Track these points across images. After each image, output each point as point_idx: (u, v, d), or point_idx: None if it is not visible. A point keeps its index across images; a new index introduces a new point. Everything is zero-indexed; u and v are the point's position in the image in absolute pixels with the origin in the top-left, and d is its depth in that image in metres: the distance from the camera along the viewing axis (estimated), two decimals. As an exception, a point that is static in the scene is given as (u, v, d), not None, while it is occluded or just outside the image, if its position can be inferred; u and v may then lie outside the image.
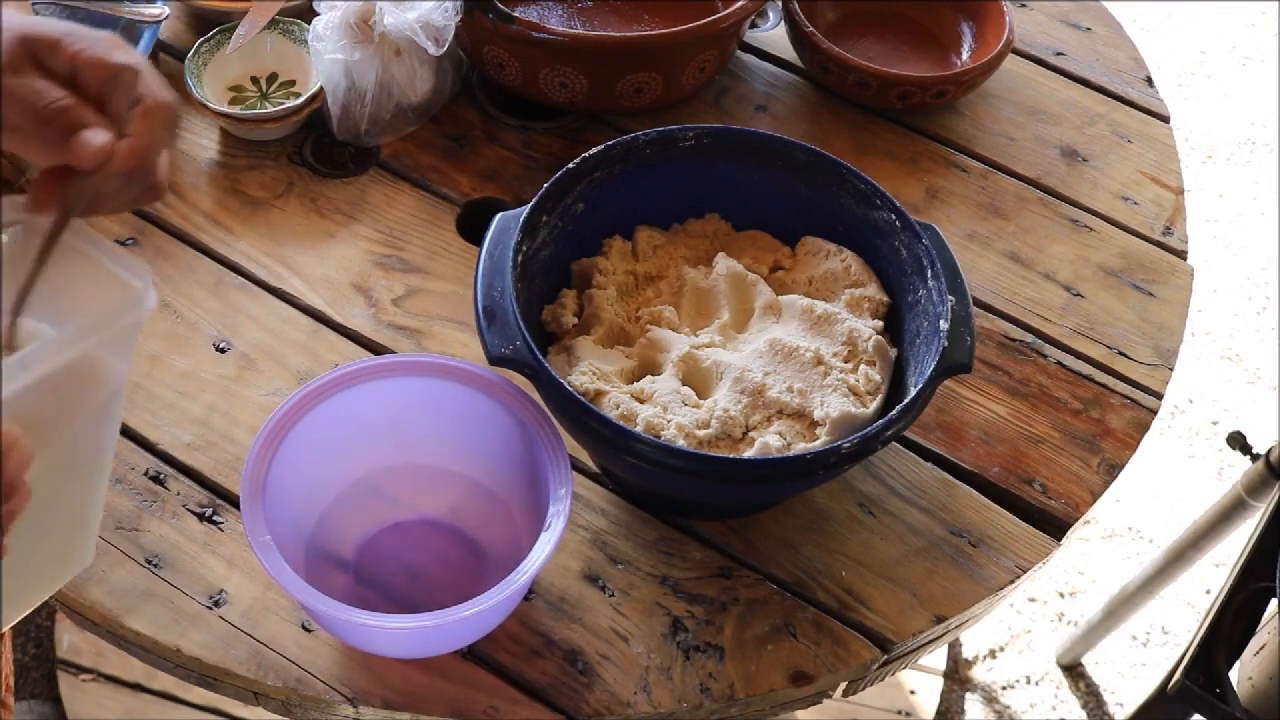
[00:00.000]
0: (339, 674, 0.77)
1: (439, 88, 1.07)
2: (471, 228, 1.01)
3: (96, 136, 0.58)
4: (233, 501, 0.84)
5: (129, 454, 0.86)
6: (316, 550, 0.81)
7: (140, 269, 0.61)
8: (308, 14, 1.05)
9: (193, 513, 0.84)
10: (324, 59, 1.01)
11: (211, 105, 1.03)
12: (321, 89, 1.03)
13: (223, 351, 0.92)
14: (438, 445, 0.82)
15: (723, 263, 0.88)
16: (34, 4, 1.00)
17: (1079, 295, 1.01)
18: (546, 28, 1.00)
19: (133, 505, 0.84)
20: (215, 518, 0.84)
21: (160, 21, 1.04)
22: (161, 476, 0.85)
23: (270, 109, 1.05)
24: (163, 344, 0.92)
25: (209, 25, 1.09)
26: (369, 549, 0.83)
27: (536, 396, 0.78)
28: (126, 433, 0.87)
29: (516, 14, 1.00)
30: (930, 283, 0.81)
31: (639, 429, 0.78)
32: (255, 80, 1.09)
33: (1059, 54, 1.20)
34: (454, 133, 1.08)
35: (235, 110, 1.05)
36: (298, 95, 1.07)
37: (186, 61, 1.05)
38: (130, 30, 1.04)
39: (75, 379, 0.58)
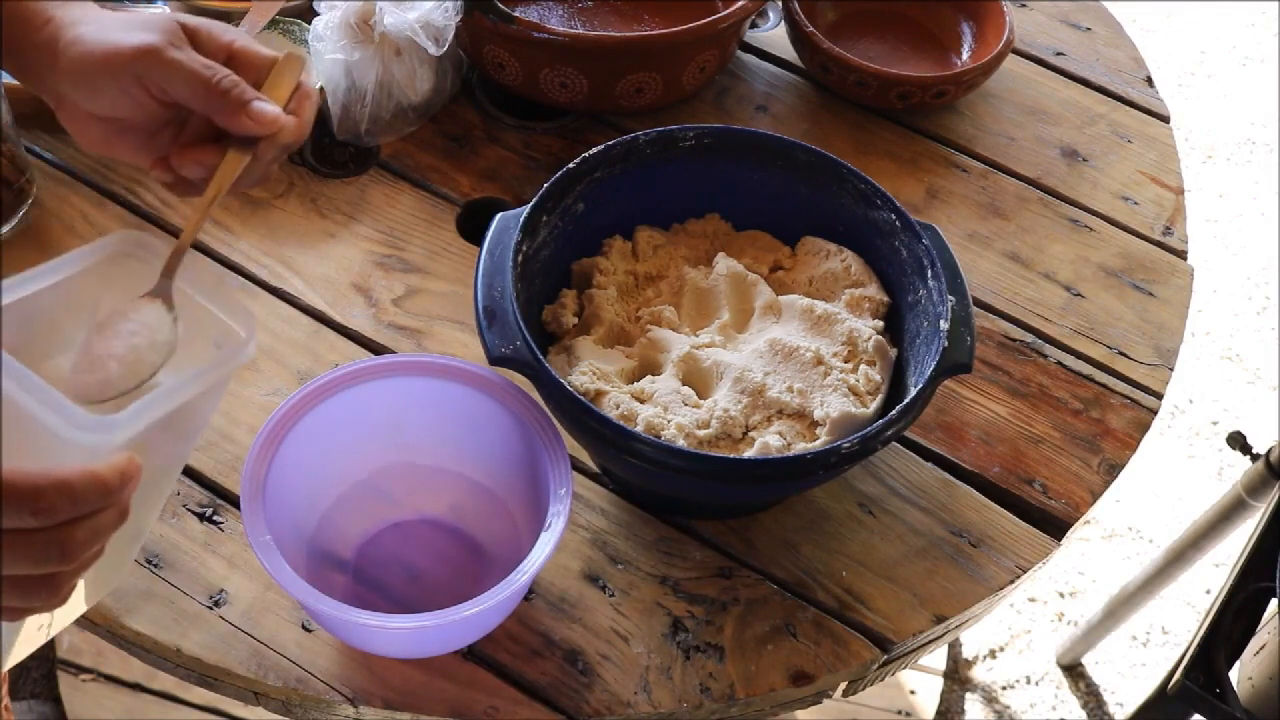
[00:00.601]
0: (339, 674, 0.77)
1: (439, 88, 1.07)
2: (471, 228, 1.01)
3: (271, 106, 0.63)
4: (233, 501, 0.84)
5: (129, 454, 0.86)
6: (316, 550, 0.81)
7: (247, 317, 0.65)
8: (308, 14, 1.05)
9: (193, 513, 0.84)
10: (324, 59, 1.01)
11: (211, 105, 1.03)
12: (321, 89, 1.03)
13: (223, 351, 0.92)
14: (438, 445, 0.82)
15: (723, 263, 0.88)
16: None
17: (1079, 295, 1.01)
18: (546, 28, 1.00)
19: (133, 505, 0.84)
20: (215, 518, 0.84)
21: (160, 21, 1.04)
22: (161, 476, 0.85)
23: (270, 109, 1.05)
24: (163, 344, 0.92)
25: (209, 25, 1.09)
26: (369, 549, 0.83)
27: (536, 396, 0.78)
28: (126, 433, 0.87)
29: (516, 14, 1.00)
30: (930, 283, 0.81)
31: (639, 429, 0.78)
32: (255, 80, 1.09)
33: (1059, 54, 1.20)
34: (454, 133, 1.08)
35: (235, 110, 1.04)
36: (298, 95, 1.07)
37: (186, 61, 1.05)
38: (130, 30, 1.04)
39: (172, 418, 0.61)
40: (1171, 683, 1.06)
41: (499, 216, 0.83)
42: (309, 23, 1.03)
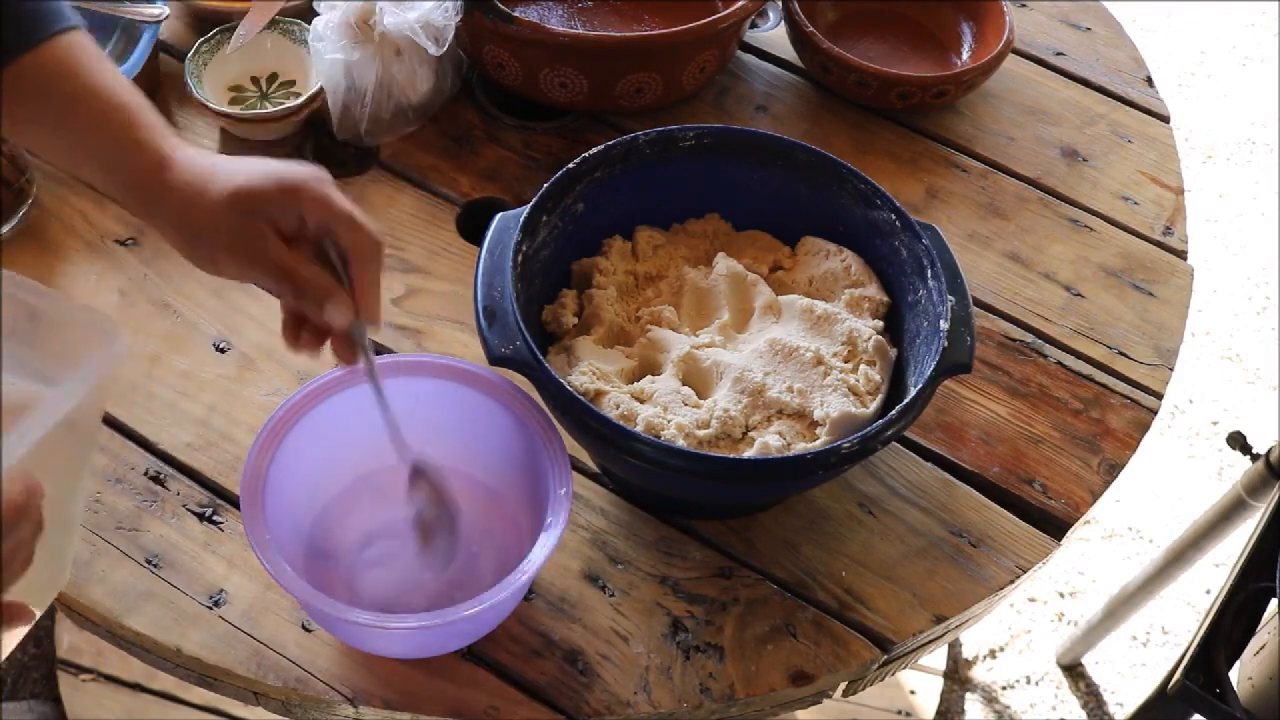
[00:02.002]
0: (339, 674, 0.77)
1: (439, 88, 1.07)
2: (471, 228, 1.01)
3: (339, 314, 0.68)
4: (233, 501, 0.84)
5: (129, 454, 0.86)
6: (316, 550, 0.81)
7: (109, 324, 0.66)
8: (308, 14, 1.05)
9: (193, 513, 0.84)
10: (324, 59, 1.01)
11: (212, 105, 1.03)
12: (321, 89, 1.03)
13: (223, 351, 0.92)
14: (437, 445, 0.82)
15: (723, 263, 0.88)
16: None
17: (1079, 295, 1.01)
18: (546, 28, 1.00)
19: (133, 505, 0.84)
20: (215, 518, 0.84)
21: (160, 21, 1.04)
22: (161, 476, 0.85)
23: (270, 109, 1.05)
24: (163, 344, 0.92)
25: (209, 25, 1.09)
26: (369, 548, 0.83)
27: (536, 396, 0.78)
28: (126, 433, 0.87)
29: (516, 14, 1.00)
30: (930, 283, 0.81)
31: (639, 429, 0.78)
32: (255, 80, 1.09)
33: (1059, 54, 1.20)
34: (454, 133, 1.08)
35: (235, 110, 1.05)
36: (298, 95, 1.07)
37: (186, 61, 1.05)
38: (130, 30, 1.04)
39: (61, 429, 0.62)
40: (1171, 683, 1.06)
41: (499, 216, 0.83)
42: (309, 23, 1.03)
